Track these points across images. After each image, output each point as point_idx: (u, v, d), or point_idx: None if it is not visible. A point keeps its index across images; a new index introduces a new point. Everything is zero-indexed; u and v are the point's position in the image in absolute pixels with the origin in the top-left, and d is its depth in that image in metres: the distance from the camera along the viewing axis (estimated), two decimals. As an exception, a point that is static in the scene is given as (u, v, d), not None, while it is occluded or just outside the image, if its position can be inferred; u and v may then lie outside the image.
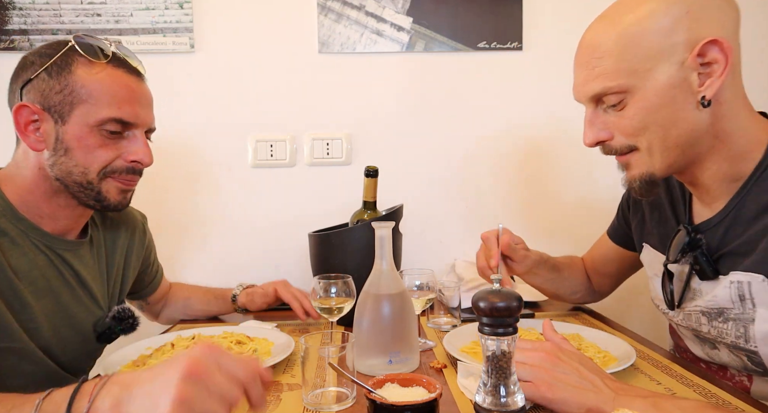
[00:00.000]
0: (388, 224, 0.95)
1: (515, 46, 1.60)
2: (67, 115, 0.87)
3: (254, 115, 1.61)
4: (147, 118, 0.95)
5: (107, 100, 0.88)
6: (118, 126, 0.90)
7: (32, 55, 0.90)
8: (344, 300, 1.02)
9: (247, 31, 1.58)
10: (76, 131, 0.88)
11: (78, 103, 0.87)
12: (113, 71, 0.90)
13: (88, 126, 0.88)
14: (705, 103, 0.75)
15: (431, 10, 1.58)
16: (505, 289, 0.63)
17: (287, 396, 0.86)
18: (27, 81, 0.88)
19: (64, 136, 0.88)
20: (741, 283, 0.80)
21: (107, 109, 0.88)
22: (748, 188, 0.80)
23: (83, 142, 0.88)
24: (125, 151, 0.92)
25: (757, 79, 1.61)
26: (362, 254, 1.16)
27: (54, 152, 0.88)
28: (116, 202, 0.94)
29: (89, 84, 0.87)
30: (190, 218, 1.61)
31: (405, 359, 0.93)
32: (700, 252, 0.86)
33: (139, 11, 1.54)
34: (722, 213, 0.84)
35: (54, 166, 0.89)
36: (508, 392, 0.62)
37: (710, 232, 0.86)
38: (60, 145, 0.88)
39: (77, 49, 0.88)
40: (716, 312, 0.85)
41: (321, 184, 1.64)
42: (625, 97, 0.78)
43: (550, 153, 1.65)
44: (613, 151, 0.84)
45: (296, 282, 1.59)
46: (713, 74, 0.75)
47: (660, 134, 0.78)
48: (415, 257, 1.62)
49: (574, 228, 1.64)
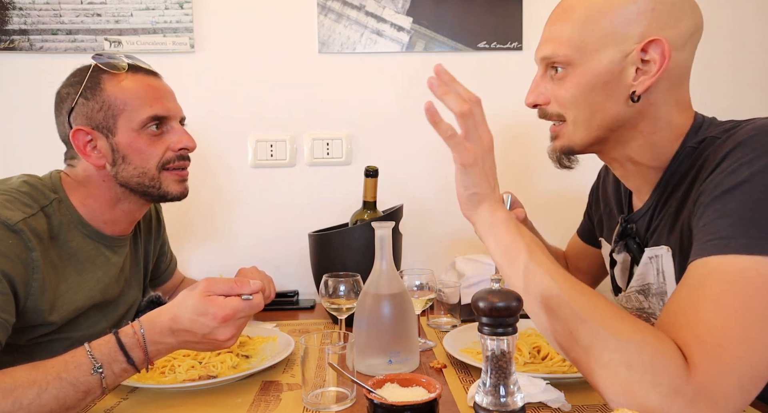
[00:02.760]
0: (388, 224, 0.95)
1: (515, 46, 1.60)
2: (113, 127, 0.96)
3: (254, 115, 1.61)
4: (177, 109, 1.05)
5: (140, 103, 0.97)
6: (156, 122, 0.99)
7: (65, 88, 0.99)
8: (354, 299, 1.02)
9: (247, 31, 1.58)
10: (126, 138, 0.97)
11: (118, 113, 0.96)
12: (135, 77, 0.99)
13: (133, 131, 0.97)
14: (634, 98, 0.78)
15: (431, 10, 1.58)
16: (505, 289, 0.63)
17: (287, 396, 0.86)
18: (70, 110, 0.97)
19: (117, 146, 0.97)
20: (657, 257, 0.84)
21: (143, 111, 0.97)
22: (666, 176, 0.83)
23: (135, 146, 0.97)
24: (170, 142, 1.01)
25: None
26: (362, 254, 1.16)
27: (114, 163, 0.98)
28: (179, 192, 1.04)
29: (120, 94, 0.96)
30: (190, 218, 1.61)
31: (405, 359, 0.93)
32: (629, 238, 0.91)
33: (139, 11, 1.54)
34: (648, 203, 0.87)
35: (118, 175, 0.98)
36: (508, 392, 0.62)
37: (640, 221, 0.89)
38: (117, 155, 0.97)
39: (100, 68, 0.97)
40: (645, 288, 0.88)
41: (321, 184, 1.64)
42: (567, 68, 0.80)
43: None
44: (547, 116, 0.87)
45: (297, 282, 1.60)
46: (648, 72, 0.77)
47: (586, 113, 0.81)
48: (415, 257, 1.62)
49: (571, 227, 1.63)
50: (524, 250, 0.72)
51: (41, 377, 0.70)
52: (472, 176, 0.75)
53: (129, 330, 0.77)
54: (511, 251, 0.73)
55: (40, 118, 1.55)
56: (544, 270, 0.70)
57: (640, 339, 0.62)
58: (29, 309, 0.87)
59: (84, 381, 0.72)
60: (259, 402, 0.84)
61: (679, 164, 0.81)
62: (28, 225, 0.87)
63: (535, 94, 0.87)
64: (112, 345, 0.76)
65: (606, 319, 0.65)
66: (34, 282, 0.86)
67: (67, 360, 0.73)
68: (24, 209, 0.89)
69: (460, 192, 0.78)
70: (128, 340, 0.76)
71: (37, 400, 0.69)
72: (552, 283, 0.69)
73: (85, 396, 0.73)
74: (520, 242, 0.73)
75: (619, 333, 0.63)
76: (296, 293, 1.52)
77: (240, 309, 0.78)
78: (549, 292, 0.68)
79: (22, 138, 1.55)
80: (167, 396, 0.86)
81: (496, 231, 0.75)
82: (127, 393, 0.88)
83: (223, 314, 0.77)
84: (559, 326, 0.67)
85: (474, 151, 0.75)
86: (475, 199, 0.77)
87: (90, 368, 0.73)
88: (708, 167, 0.72)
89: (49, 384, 0.70)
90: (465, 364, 0.96)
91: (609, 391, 0.63)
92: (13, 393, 0.68)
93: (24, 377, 0.70)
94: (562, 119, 0.85)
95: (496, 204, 0.77)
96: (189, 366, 0.92)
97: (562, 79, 0.82)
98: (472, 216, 0.78)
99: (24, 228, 0.85)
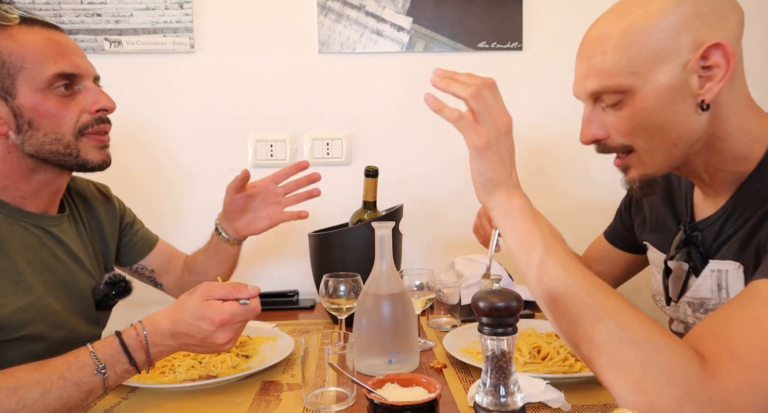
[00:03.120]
0: (388, 224, 0.95)
1: (515, 46, 1.60)
2: (12, 89, 0.84)
3: (254, 115, 1.61)
4: (88, 66, 0.91)
5: (42, 58, 0.84)
6: (65, 81, 0.87)
7: None
8: (354, 299, 1.02)
9: (247, 31, 1.58)
10: (29, 100, 0.84)
11: (15, 72, 0.83)
12: (31, 29, 0.86)
13: (38, 91, 0.85)
14: (704, 106, 0.74)
15: (431, 10, 1.58)
16: (505, 289, 0.63)
17: (287, 396, 0.86)
18: None
19: (20, 110, 0.85)
20: (720, 272, 0.81)
21: (47, 68, 0.84)
22: (746, 186, 0.80)
23: (42, 109, 0.85)
24: (85, 103, 0.89)
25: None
26: (362, 254, 1.16)
27: (19, 130, 0.85)
28: (100, 161, 0.92)
29: (16, 50, 0.83)
30: (190, 218, 1.61)
31: (405, 359, 0.93)
32: (693, 247, 0.86)
33: (139, 11, 1.54)
34: (720, 211, 0.84)
35: (25, 143, 0.86)
36: (508, 392, 0.62)
37: (708, 230, 0.85)
38: (21, 120, 0.85)
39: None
40: (698, 302, 0.85)
41: (321, 183, 1.64)
42: (623, 97, 0.76)
43: (549, 152, 1.65)
44: (609, 149, 0.82)
45: (297, 282, 1.60)
46: (714, 78, 0.73)
47: (658, 136, 0.77)
48: (415, 257, 1.62)
49: (571, 227, 1.63)
50: (540, 241, 0.70)
51: (45, 377, 0.71)
52: (486, 160, 0.72)
53: (132, 332, 0.77)
54: (527, 242, 0.71)
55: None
56: (560, 264, 0.68)
57: (658, 340, 0.61)
58: None
59: (87, 382, 0.73)
60: (259, 402, 0.84)
61: (763, 178, 0.77)
62: None
63: (592, 129, 0.81)
64: (115, 347, 0.76)
65: (624, 319, 0.64)
66: None
67: (70, 361, 0.74)
68: None
69: (474, 177, 0.75)
70: (131, 342, 0.77)
71: (41, 400, 0.69)
72: (568, 278, 0.67)
73: (87, 396, 0.74)
74: (536, 232, 0.71)
75: (637, 333, 0.62)
76: (296, 293, 1.52)
77: (237, 313, 0.78)
78: (564, 287, 0.67)
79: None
80: (167, 396, 0.86)
81: (511, 220, 0.73)
82: (127, 393, 0.88)
83: (220, 318, 0.77)
84: (573, 322, 0.66)
85: (487, 133, 0.72)
86: (490, 184, 0.74)
87: (93, 369, 0.73)
88: None
89: (53, 384, 0.71)
90: (465, 364, 0.96)
91: (621, 390, 0.62)
92: (17, 392, 0.69)
93: (27, 377, 0.71)
94: (629, 150, 0.80)
95: (513, 190, 0.74)
96: (189, 366, 0.92)
97: (621, 109, 0.77)
98: (488, 203, 0.76)
99: None
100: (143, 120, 1.58)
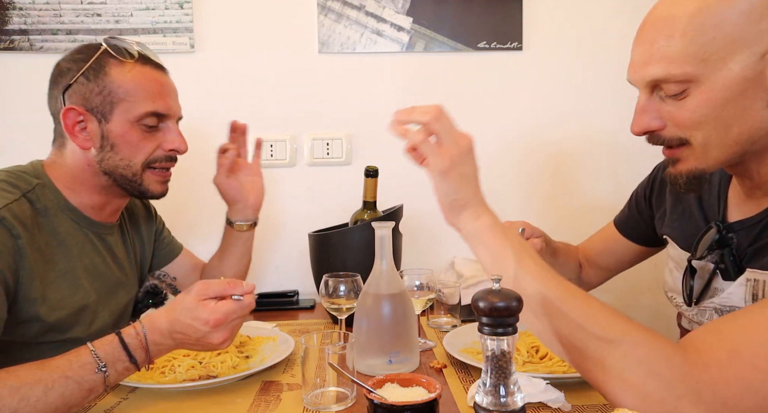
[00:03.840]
0: (388, 224, 0.95)
1: (515, 46, 1.60)
2: (109, 114, 0.94)
3: (254, 115, 1.60)
4: (177, 109, 1.03)
5: (142, 96, 0.95)
6: (154, 119, 0.98)
7: (66, 62, 0.96)
8: (354, 299, 1.02)
9: (247, 31, 1.58)
10: (119, 128, 0.95)
11: (117, 102, 0.94)
12: (142, 69, 0.97)
13: (129, 122, 0.95)
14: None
15: (431, 10, 1.58)
16: (505, 289, 0.63)
17: (287, 396, 0.86)
18: (67, 86, 0.94)
19: (108, 133, 0.95)
20: (757, 282, 0.77)
21: (144, 105, 0.95)
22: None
23: (126, 138, 0.95)
24: (162, 141, 1.00)
25: None
26: (362, 254, 1.16)
27: (101, 149, 0.95)
28: (158, 192, 1.03)
29: (124, 83, 0.94)
30: (190, 218, 1.61)
31: (405, 359, 0.93)
32: (728, 250, 0.81)
33: (139, 11, 1.54)
34: (760, 215, 0.78)
35: (102, 162, 0.96)
36: (508, 392, 0.62)
37: (744, 232, 0.80)
38: (106, 142, 0.95)
39: (109, 52, 0.95)
40: (728, 310, 0.82)
41: (321, 184, 1.64)
42: (688, 87, 0.69)
43: (550, 152, 1.65)
44: (662, 141, 0.76)
45: (297, 282, 1.60)
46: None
47: (720, 130, 0.70)
48: (415, 257, 1.62)
49: (573, 227, 1.63)
50: (512, 257, 0.70)
51: (47, 375, 0.71)
52: (451, 182, 0.72)
53: (131, 331, 0.78)
54: (499, 259, 0.71)
55: (41, 118, 1.55)
56: (533, 277, 0.69)
57: (635, 336, 0.62)
58: (20, 300, 0.86)
59: (88, 380, 0.74)
60: (259, 402, 0.84)
61: None
62: (10, 212, 0.84)
63: (646, 119, 0.74)
64: (115, 345, 0.76)
65: (599, 321, 0.64)
66: (23, 270, 0.85)
67: (71, 359, 0.74)
68: (5, 195, 0.86)
69: (440, 200, 0.75)
70: (131, 341, 0.77)
71: (43, 398, 0.70)
72: (542, 289, 0.67)
73: (88, 394, 0.74)
74: (508, 248, 0.71)
75: (614, 332, 0.63)
76: (296, 293, 1.52)
77: (231, 311, 0.78)
78: (540, 299, 0.67)
79: (22, 138, 1.55)
80: (167, 396, 0.86)
81: (481, 239, 0.73)
82: (128, 393, 0.88)
83: (214, 318, 0.77)
84: (553, 331, 0.67)
85: (450, 155, 0.71)
86: (456, 205, 0.74)
87: (94, 367, 0.74)
88: None
89: (55, 383, 0.71)
90: (465, 364, 0.96)
91: (609, 390, 0.63)
92: (19, 390, 0.69)
93: (29, 375, 0.71)
94: (684, 143, 0.74)
95: (480, 209, 0.74)
96: (189, 366, 0.92)
97: (684, 99, 0.70)
98: (456, 224, 0.75)
99: (6, 216, 0.83)
100: (143, 120, 1.58)
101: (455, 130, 0.74)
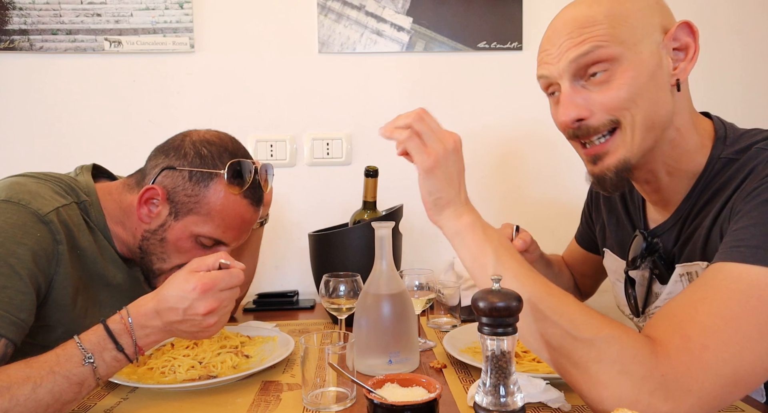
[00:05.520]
0: (388, 224, 0.95)
1: (515, 46, 1.60)
2: (181, 215, 0.96)
3: (254, 115, 1.61)
4: (241, 241, 1.03)
5: (218, 222, 0.97)
6: (211, 242, 0.98)
7: (191, 148, 0.97)
8: (354, 299, 1.02)
9: (247, 31, 1.58)
10: (179, 232, 0.96)
11: (196, 213, 0.96)
12: (238, 200, 0.97)
13: (190, 232, 0.96)
14: (679, 87, 0.75)
15: (431, 10, 1.58)
16: (505, 289, 0.63)
17: (287, 396, 0.86)
18: (170, 167, 0.96)
19: (167, 228, 0.96)
20: (689, 274, 0.80)
21: (212, 229, 0.97)
22: (699, 187, 0.80)
23: (178, 243, 0.97)
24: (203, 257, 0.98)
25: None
26: (362, 254, 1.16)
27: (153, 233, 0.97)
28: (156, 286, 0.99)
29: (213, 204, 0.96)
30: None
31: (405, 359, 0.93)
32: (657, 256, 0.85)
33: (139, 11, 1.54)
34: (675, 216, 0.83)
35: (144, 241, 0.98)
36: (508, 392, 0.62)
37: (665, 235, 0.85)
38: (161, 231, 0.97)
39: (225, 177, 0.95)
40: None
41: (321, 184, 1.64)
42: (611, 67, 0.74)
43: (549, 152, 1.65)
44: (590, 131, 0.78)
45: (297, 282, 1.60)
46: (683, 59, 0.75)
47: (646, 109, 0.75)
48: (415, 257, 1.62)
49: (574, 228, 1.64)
50: (492, 255, 0.71)
51: (35, 372, 0.71)
52: (435, 180, 0.73)
53: (116, 318, 0.78)
54: (479, 257, 0.72)
55: (40, 118, 1.56)
56: (511, 274, 0.69)
57: (607, 333, 0.63)
58: (50, 303, 0.86)
59: (77, 373, 0.73)
60: (259, 402, 0.84)
61: (716, 173, 0.77)
62: (59, 216, 0.86)
63: (574, 107, 0.77)
64: (100, 333, 0.76)
65: (573, 319, 0.65)
66: (57, 276, 0.86)
67: (58, 354, 0.74)
68: (57, 199, 0.88)
69: (424, 197, 0.76)
70: (116, 326, 0.76)
71: (32, 395, 0.69)
72: (520, 287, 0.67)
73: (80, 388, 0.73)
74: (488, 247, 0.71)
75: (588, 331, 0.63)
76: (296, 293, 1.52)
77: (218, 277, 0.78)
78: None
79: (22, 138, 1.55)
80: (167, 396, 0.86)
81: (462, 237, 0.74)
82: (127, 393, 0.88)
83: (201, 283, 0.77)
84: (530, 329, 0.67)
85: (435, 153, 0.72)
86: (439, 203, 0.75)
87: (81, 359, 0.73)
88: (756, 178, 0.69)
89: (43, 379, 0.70)
90: (465, 364, 0.96)
91: (584, 389, 0.63)
92: (9, 390, 0.68)
93: (18, 374, 0.70)
94: (615, 125, 0.77)
95: (462, 208, 0.75)
96: (189, 366, 0.92)
97: (607, 81, 0.75)
98: (438, 222, 0.76)
99: (54, 220, 0.85)
100: (143, 120, 1.58)
101: (440, 129, 0.75)
